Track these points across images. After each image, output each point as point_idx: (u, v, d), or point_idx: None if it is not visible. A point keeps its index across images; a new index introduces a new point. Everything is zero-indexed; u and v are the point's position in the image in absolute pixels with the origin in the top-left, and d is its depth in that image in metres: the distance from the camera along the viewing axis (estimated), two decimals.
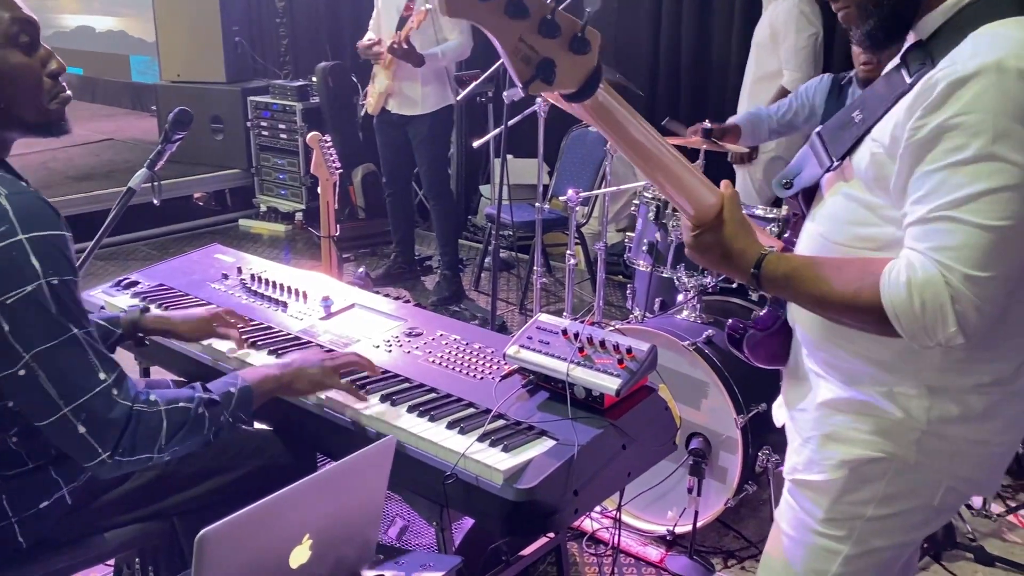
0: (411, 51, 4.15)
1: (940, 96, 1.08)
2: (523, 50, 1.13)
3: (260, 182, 6.28)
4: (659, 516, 2.72)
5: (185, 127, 2.34)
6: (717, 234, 1.28)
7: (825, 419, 1.33)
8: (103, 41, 9.49)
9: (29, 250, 1.35)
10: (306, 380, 1.69)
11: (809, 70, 3.73)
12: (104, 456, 1.40)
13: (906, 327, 1.10)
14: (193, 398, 1.53)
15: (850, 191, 1.26)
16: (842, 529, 1.33)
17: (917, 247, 1.10)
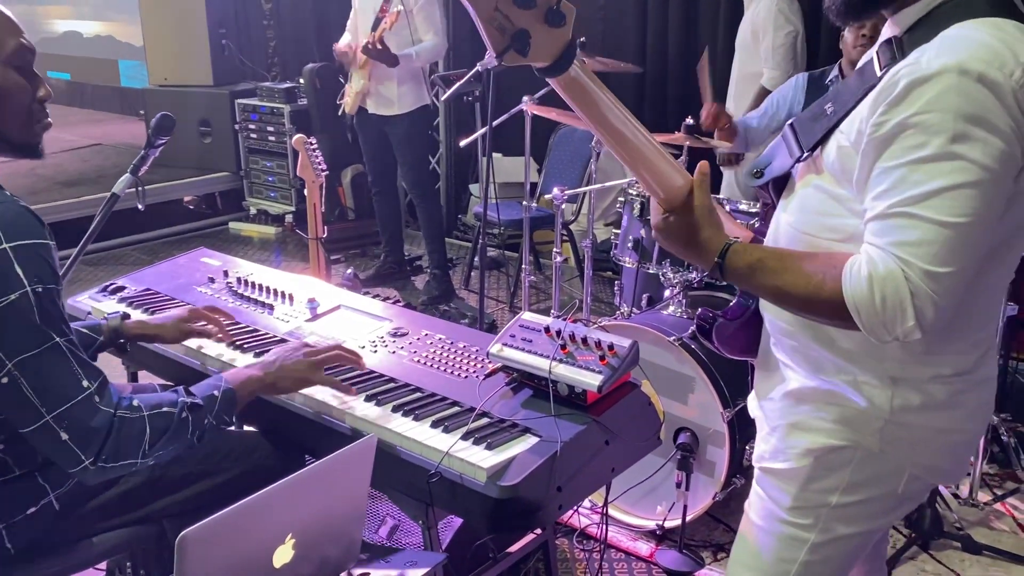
0: (385, 51, 4.17)
1: (901, 93, 1.10)
2: (498, 19, 1.14)
3: (249, 185, 6.28)
4: (648, 511, 2.74)
5: (168, 132, 2.34)
6: (685, 219, 1.29)
7: (791, 408, 1.35)
8: (91, 46, 9.46)
9: (13, 259, 1.36)
10: (290, 378, 1.69)
11: (788, 68, 3.75)
12: (87, 463, 1.41)
13: (866, 321, 1.11)
14: (176, 402, 1.54)
15: (820, 183, 1.28)
16: (808, 517, 1.35)
17: (876, 242, 1.12)
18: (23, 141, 1.53)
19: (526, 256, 3.73)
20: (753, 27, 3.86)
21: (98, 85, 9.43)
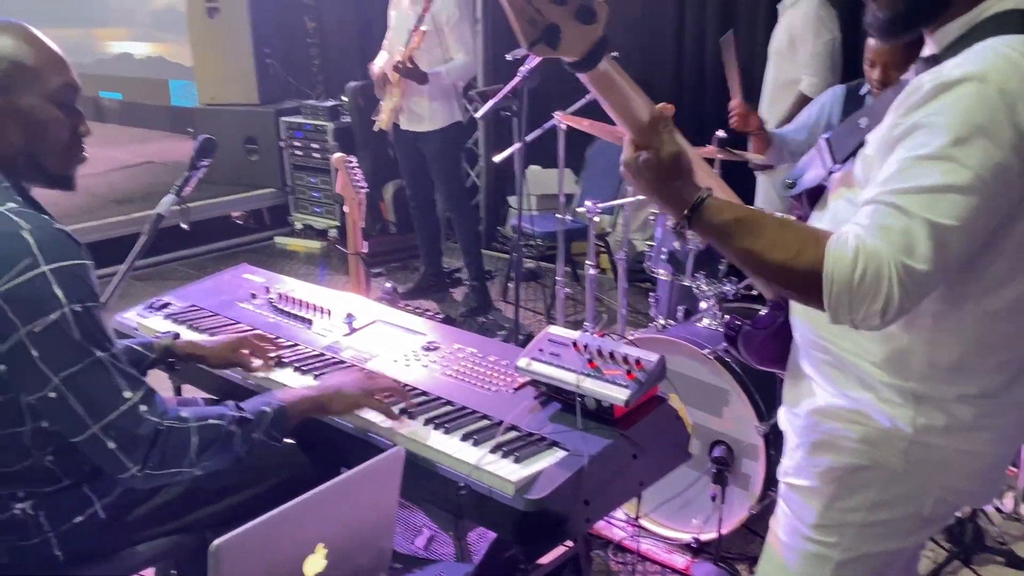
0: (415, 70, 4.27)
1: (923, 97, 1.12)
2: (530, 12, 1.16)
3: (295, 200, 6.41)
4: (684, 524, 2.74)
5: (210, 155, 2.42)
6: (652, 161, 1.26)
7: (815, 426, 1.35)
8: (143, 67, 9.73)
9: (52, 280, 1.43)
10: (343, 402, 1.74)
11: (827, 75, 3.73)
12: (134, 470, 1.48)
13: (835, 292, 1.09)
14: (224, 415, 1.60)
15: (850, 196, 1.29)
16: (833, 535, 1.35)
17: (863, 223, 1.11)
18: (58, 173, 1.61)
19: (561, 268, 3.75)
20: (790, 34, 3.85)
21: (149, 104, 9.70)
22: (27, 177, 1.60)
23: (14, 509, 1.56)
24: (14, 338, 1.42)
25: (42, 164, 1.58)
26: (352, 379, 1.79)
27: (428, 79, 4.31)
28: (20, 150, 1.55)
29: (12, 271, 1.41)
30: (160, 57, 9.50)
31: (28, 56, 1.53)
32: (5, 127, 1.52)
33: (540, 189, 5.55)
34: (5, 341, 1.42)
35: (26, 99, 1.53)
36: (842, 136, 1.36)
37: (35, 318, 1.42)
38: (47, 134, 1.56)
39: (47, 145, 1.57)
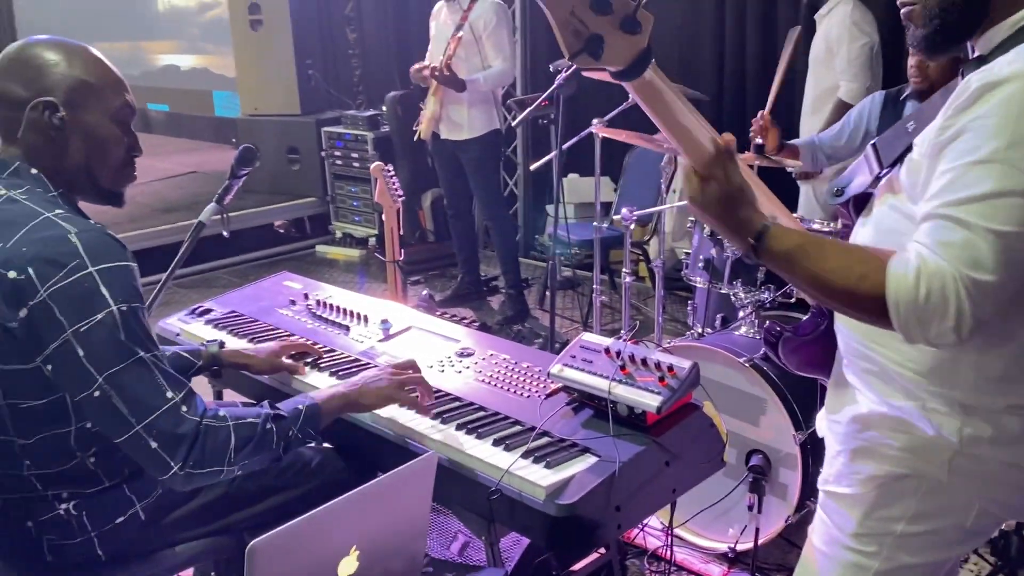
0: (452, 77, 4.31)
1: (970, 98, 1.09)
2: (573, 23, 1.16)
3: (335, 209, 6.49)
4: (720, 533, 2.72)
5: (250, 164, 2.47)
6: (718, 191, 1.25)
7: (857, 433, 1.33)
8: (188, 78, 9.94)
9: (99, 281, 1.48)
10: (373, 396, 1.76)
11: (866, 79, 3.69)
12: (176, 468, 1.51)
13: (903, 315, 1.08)
14: (260, 414, 1.63)
15: (895, 202, 1.27)
16: (872, 545, 1.33)
17: (923, 241, 1.09)
18: (111, 188, 1.68)
19: (597, 276, 3.75)
20: (827, 42, 3.82)
21: (194, 115, 9.90)
22: (81, 191, 1.66)
23: (58, 509, 1.60)
24: (62, 338, 1.46)
25: (97, 180, 1.65)
26: (380, 374, 1.81)
27: (465, 86, 4.35)
28: (79, 165, 1.61)
29: (60, 272, 1.46)
30: (205, 69, 9.70)
31: (93, 75, 1.60)
32: (69, 142, 1.59)
33: (578, 197, 5.57)
34: (53, 341, 1.47)
35: (90, 116, 1.59)
36: (890, 141, 1.34)
37: (82, 318, 1.46)
38: (106, 151, 1.63)
39: (104, 162, 1.64)
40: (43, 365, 1.49)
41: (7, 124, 1.58)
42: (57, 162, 1.59)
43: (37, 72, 1.56)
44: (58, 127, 1.56)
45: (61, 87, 1.56)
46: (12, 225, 1.50)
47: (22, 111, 1.55)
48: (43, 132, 1.56)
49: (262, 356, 2.06)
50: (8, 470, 1.59)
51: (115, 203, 1.71)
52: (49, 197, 1.57)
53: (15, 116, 1.56)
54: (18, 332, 1.47)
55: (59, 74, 1.56)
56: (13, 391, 1.53)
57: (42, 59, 1.57)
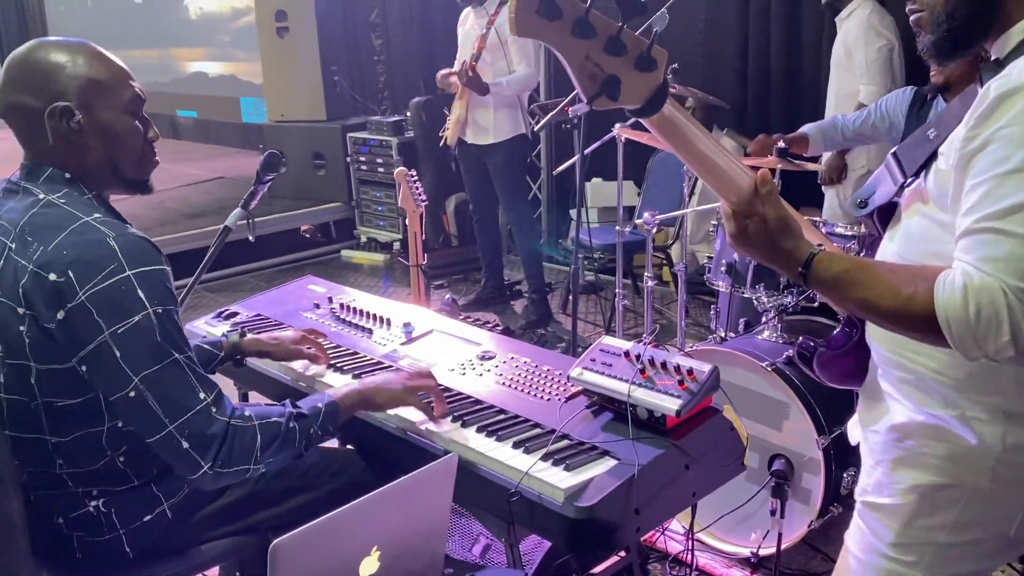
0: (476, 79, 4.34)
1: (990, 107, 1.09)
2: (589, 67, 1.17)
3: (360, 214, 6.55)
4: (743, 538, 2.71)
5: (275, 169, 2.50)
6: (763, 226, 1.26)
7: (896, 443, 1.31)
8: (215, 85, 10.06)
9: (136, 284, 1.51)
10: (386, 395, 1.80)
11: (885, 82, 3.67)
12: (206, 468, 1.54)
13: (956, 334, 1.08)
14: (284, 413, 1.66)
15: (924, 210, 1.27)
16: (913, 554, 1.31)
17: (966, 258, 1.09)
18: (136, 178, 1.71)
19: (620, 280, 3.76)
20: (846, 45, 3.81)
21: (222, 122, 10.02)
22: (109, 185, 1.69)
23: (88, 506, 1.64)
24: (99, 339, 1.50)
25: (122, 172, 1.68)
26: (394, 377, 1.84)
27: (489, 89, 4.38)
28: (103, 161, 1.64)
29: (99, 275, 1.49)
30: (232, 75, 9.81)
31: (101, 72, 1.62)
32: (89, 141, 1.62)
33: (602, 201, 5.57)
34: (91, 342, 1.50)
35: (105, 113, 1.62)
36: (910, 149, 1.33)
37: (119, 320, 1.50)
38: (125, 143, 1.66)
39: (125, 153, 1.67)
40: (79, 365, 1.53)
41: (29, 133, 1.61)
42: (82, 162, 1.63)
43: (45, 77, 1.58)
44: (78, 130, 1.59)
45: (72, 89, 1.58)
46: (52, 229, 1.53)
47: (41, 120, 1.58)
48: (64, 136, 1.60)
49: (282, 344, 2.09)
50: (41, 468, 1.63)
51: (143, 191, 1.74)
52: (85, 200, 1.61)
53: (36, 126, 1.59)
54: (56, 333, 1.51)
55: (67, 76, 1.58)
56: (49, 390, 1.57)
57: (46, 64, 1.59)
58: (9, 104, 1.60)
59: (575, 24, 1.14)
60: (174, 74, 10.53)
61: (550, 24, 1.13)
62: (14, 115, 1.61)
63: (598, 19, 1.15)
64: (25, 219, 1.56)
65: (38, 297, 1.50)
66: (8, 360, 1.57)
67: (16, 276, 1.52)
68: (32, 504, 1.64)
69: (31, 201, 1.59)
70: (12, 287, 1.53)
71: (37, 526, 1.63)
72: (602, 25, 1.16)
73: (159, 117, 10.38)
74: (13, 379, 1.58)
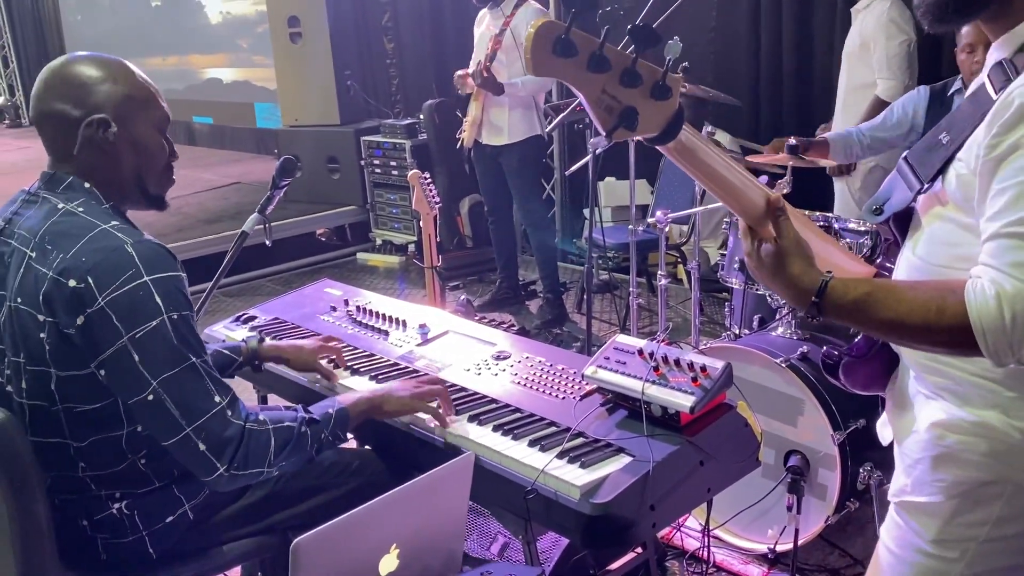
0: (491, 79, 4.36)
1: (1016, 114, 1.08)
2: (606, 101, 1.18)
3: (375, 217, 6.58)
4: (760, 534, 2.71)
5: (290, 174, 2.53)
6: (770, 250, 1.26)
7: (937, 440, 1.30)
8: (230, 91, 10.14)
9: (153, 290, 1.55)
10: (395, 402, 1.83)
11: (904, 77, 3.66)
12: (221, 470, 1.58)
13: (991, 343, 1.07)
14: (296, 418, 1.70)
15: (946, 213, 1.25)
16: (954, 551, 1.30)
17: (994, 263, 1.08)
18: (156, 193, 1.76)
19: (634, 279, 3.77)
20: (862, 38, 3.80)
21: (237, 127, 10.09)
22: (130, 198, 1.73)
23: (111, 509, 1.67)
24: (118, 344, 1.53)
25: (147, 187, 1.73)
26: (403, 384, 1.88)
27: (503, 89, 4.40)
28: (131, 175, 1.70)
29: (117, 281, 1.53)
30: (247, 81, 9.88)
31: (138, 89, 1.68)
32: (121, 154, 1.67)
33: (616, 200, 5.58)
34: (110, 347, 1.54)
35: (138, 128, 1.68)
36: (923, 154, 1.31)
37: (137, 325, 1.53)
38: (153, 158, 1.72)
39: (152, 169, 1.73)
40: (97, 370, 1.56)
41: (60, 142, 1.65)
42: (110, 175, 1.67)
43: (84, 90, 1.63)
44: (112, 142, 1.64)
45: (110, 103, 1.63)
46: (72, 237, 1.57)
47: (76, 129, 1.62)
48: (98, 147, 1.64)
49: (301, 353, 2.13)
50: (64, 471, 1.66)
51: (160, 207, 1.79)
52: (103, 209, 1.65)
53: (69, 134, 1.63)
54: (76, 338, 1.54)
55: (106, 91, 1.64)
56: (69, 396, 1.60)
57: (85, 76, 1.64)
58: (45, 112, 1.64)
59: (590, 59, 1.15)
60: (189, 81, 10.62)
61: (567, 62, 1.14)
62: (49, 123, 1.65)
63: (612, 52, 1.16)
64: (44, 228, 1.60)
65: (58, 303, 1.54)
66: (29, 367, 1.60)
67: (37, 284, 1.56)
68: (57, 508, 1.67)
69: (50, 210, 1.62)
70: (33, 295, 1.56)
71: (62, 529, 1.66)
72: (617, 58, 1.17)
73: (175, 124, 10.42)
74: (35, 385, 1.61)
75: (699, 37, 5.02)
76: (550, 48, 1.13)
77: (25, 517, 1.57)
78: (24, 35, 13.27)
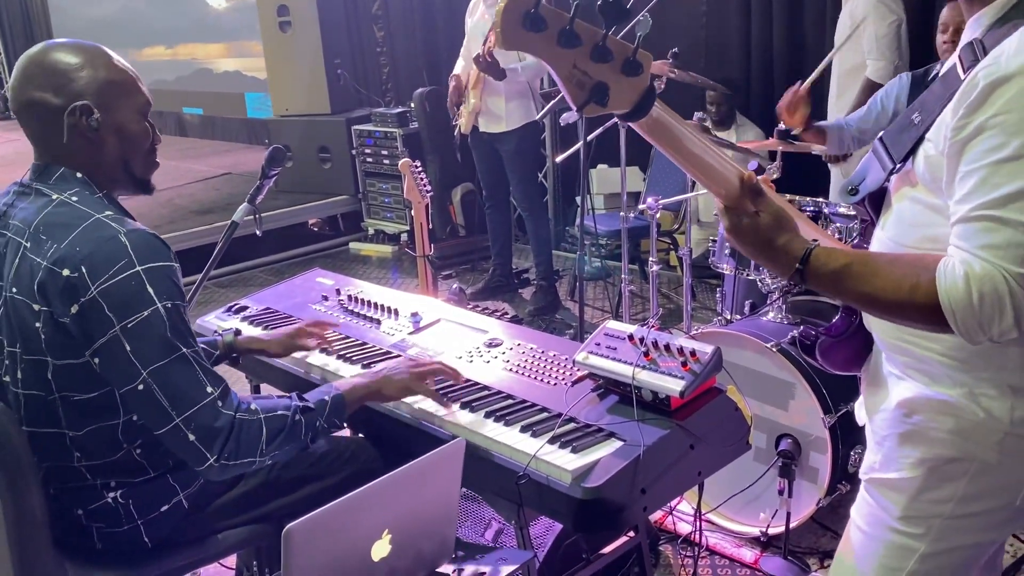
0: (494, 64, 4.35)
1: (981, 95, 1.09)
2: (577, 76, 1.19)
3: (367, 206, 6.57)
4: (752, 518, 2.73)
5: (279, 164, 2.53)
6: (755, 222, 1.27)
7: (903, 418, 1.32)
8: (220, 81, 10.09)
9: (145, 280, 1.55)
10: (394, 386, 1.83)
11: (893, 58, 3.66)
12: (212, 460, 1.58)
13: (961, 321, 1.09)
14: (290, 406, 1.70)
15: (915, 194, 1.27)
16: (920, 527, 1.32)
17: (964, 246, 1.10)
18: (142, 177, 1.76)
19: (625, 266, 3.78)
20: (852, 19, 3.80)
21: (227, 117, 10.05)
22: (118, 184, 1.73)
23: (106, 498, 1.68)
24: (110, 333, 1.54)
25: (132, 170, 1.73)
26: (400, 366, 1.87)
27: (505, 74, 4.39)
28: (116, 160, 1.69)
29: (110, 271, 1.53)
30: (237, 71, 9.84)
31: (118, 75, 1.67)
32: (105, 141, 1.66)
33: (607, 188, 5.59)
34: (102, 336, 1.54)
35: (120, 113, 1.67)
36: (896, 134, 1.32)
37: (129, 315, 1.54)
38: (137, 143, 1.71)
39: (137, 153, 1.72)
40: (91, 359, 1.57)
41: (45, 132, 1.64)
42: (96, 161, 1.67)
43: (64, 78, 1.62)
44: (96, 128, 1.64)
45: (91, 89, 1.62)
46: (66, 227, 1.57)
47: (59, 117, 1.62)
48: (82, 135, 1.64)
49: (277, 339, 2.13)
50: (59, 461, 1.67)
51: (147, 190, 1.79)
52: (96, 199, 1.65)
53: (54, 123, 1.62)
54: (70, 327, 1.55)
55: (86, 77, 1.63)
56: (65, 385, 1.61)
57: (65, 64, 1.63)
58: (25, 102, 1.63)
59: (560, 35, 1.16)
60: (179, 71, 10.56)
61: (536, 36, 1.15)
62: (30, 113, 1.64)
63: (583, 28, 1.17)
64: (39, 218, 1.60)
65: (53, 293, 1.54)
66: (26, 356, 1.61)
67: (32, 273, 1.56)
68: (52, 497, 1.68)
69: (44, 201, 1.62)
70: (28, 285, 1.57)
71: (58, 519, 1.67)
72: (587, 34, 1.18)
73: (165, 115, 10.42)
74: (31, 375, 1.62)
75: (690, 23, 5.01)
76: (519, 22, 1.14)
77: (20, 507, 1.58)
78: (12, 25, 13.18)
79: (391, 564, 1.43)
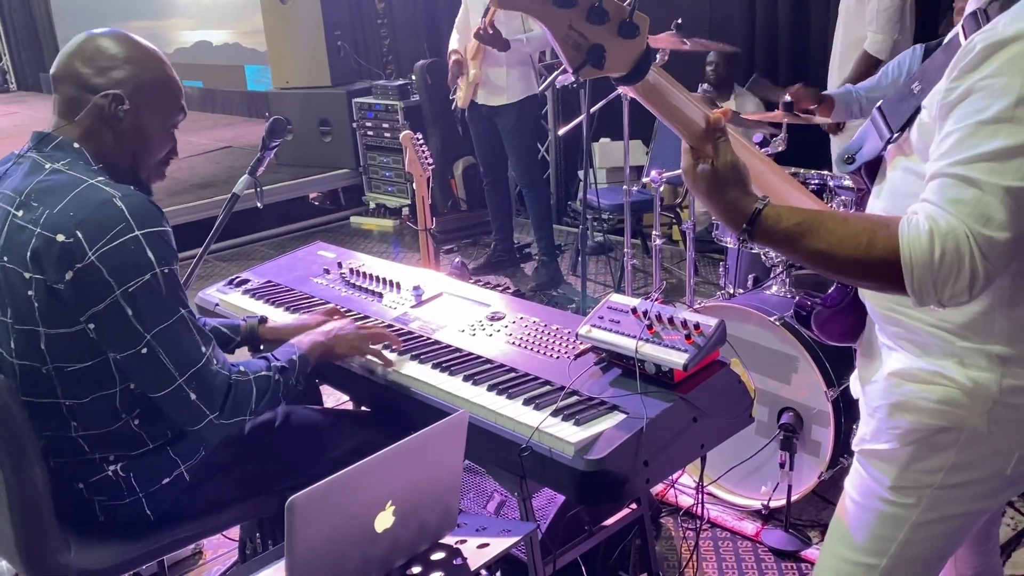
0: (496, 36, 4.28)
1: (975, 59, 1.09)
2: (573, 37, 1.17)
3: (368, 180, 6.54)
4: (753, 491, 2.74)
5: (280, 135, 2.51)
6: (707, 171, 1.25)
7: (894, 388, 1.33)
8: (220, 54, 10.02)
9: (144, 244, 1.56)
10: (345, 345, 1.90)
11: (893, 32, 3.62)
12: (212, 417, 1.63)
13: (917, 278, 1.08)
14: (271, 367, 1.74)
15: (908, 164, 1.26)
16: (911, 497, 1.33)
17: (933, 199, 1.09)
18: (148, 181, 1.78)
19: (628, 240, 3.76)
20: None
21: (227, 90, 9.99)
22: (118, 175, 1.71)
23: (107, 471, 1.68)
24: (110, 298, 1.54)
25: (138, 173, 1.74)
26: (347, 325, 1.94)
27: (509, 45, 4.34)
28: (127, 156, 1.71)
29: (108, 236, 1.53)
30: (236, 44, 9.76)
31: (162, 79, 1.72)
32: (124, 134, 1.68)
33: (610, 162, 5.56)
34: (101, 302, 1.54)
35: (149, 116, 1.69)
36: (895, 103, 1.32)
37: (129, 279, 1.54)
38: (153, 148, 1.74)
39: (149, 157, 1.74)
40: (87, 325, 1.56)
41: (70, 103, 1.65)
42: (107, 148, 1.68)
43: (111, 63, 1.65)
44: (119, 119, 1.65)
45: (131, 83, 1.65)
46: (58, 193, 1.57)
47: (90, 95, 1.63)
48: (104, 120, 1.65)
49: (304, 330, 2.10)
50: (58, 432, 1.67)
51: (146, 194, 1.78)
52: (92, 170, 1.64)
53: (81, 97, 1.64)
54: (64, 294, 1.54)
55: (131, 71, 1.66)
56: (59, 355, 1.60)
57: (116, 51, 1.66)
58: (70, 72, 1.65)
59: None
60: (178, 44, 10.48)
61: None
62: (68, 82, 1.66)
63: None
64: (30, 185, 1.60)
65: (47, 259, 1.53)
66: (18, 326, 1.60)
67: (24, 241, 1.55)
68: (53, 471, 1.67)
69: (33, 167, 1.63)
70: (20, 252, 1.56)
71: (59, 492, 1.67)
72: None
73: None
74: (24, 345, 1.61)
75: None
76: None
77: (22, 480, 1.59)
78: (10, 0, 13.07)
79: (394, 535, 1.43)
